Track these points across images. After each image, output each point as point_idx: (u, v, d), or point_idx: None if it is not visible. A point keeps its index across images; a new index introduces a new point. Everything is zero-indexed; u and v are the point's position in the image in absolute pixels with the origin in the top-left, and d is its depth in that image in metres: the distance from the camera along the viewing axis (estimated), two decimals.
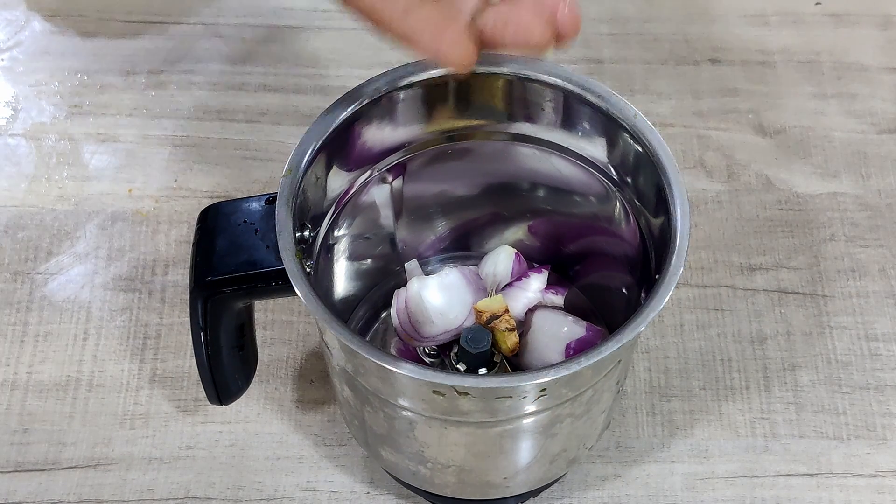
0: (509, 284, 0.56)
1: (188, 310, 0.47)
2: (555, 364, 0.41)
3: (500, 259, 0.57)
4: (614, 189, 0.50)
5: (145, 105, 0.71)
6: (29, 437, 0.59)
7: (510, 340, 0.53)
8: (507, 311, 0.53)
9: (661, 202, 0.46)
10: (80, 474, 0.58)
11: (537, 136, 0.51)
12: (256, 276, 0.46)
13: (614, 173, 0.50)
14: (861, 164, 0.69)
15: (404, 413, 0.46)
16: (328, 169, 0.48)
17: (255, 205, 0.47)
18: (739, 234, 0.66)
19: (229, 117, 0.71)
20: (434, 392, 0.43)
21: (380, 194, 0.53)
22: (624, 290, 0.54)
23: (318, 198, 0.48)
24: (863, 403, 0.60)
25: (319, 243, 0.49)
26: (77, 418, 0.59)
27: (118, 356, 0.61)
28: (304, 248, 0.46)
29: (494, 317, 0.53)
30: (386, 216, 0.55)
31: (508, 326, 0.53)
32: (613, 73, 0.73)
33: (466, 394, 0.42)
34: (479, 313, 0.53)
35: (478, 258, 0.59)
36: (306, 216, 0.47)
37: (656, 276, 0.44)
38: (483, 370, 0.53)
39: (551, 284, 0.57)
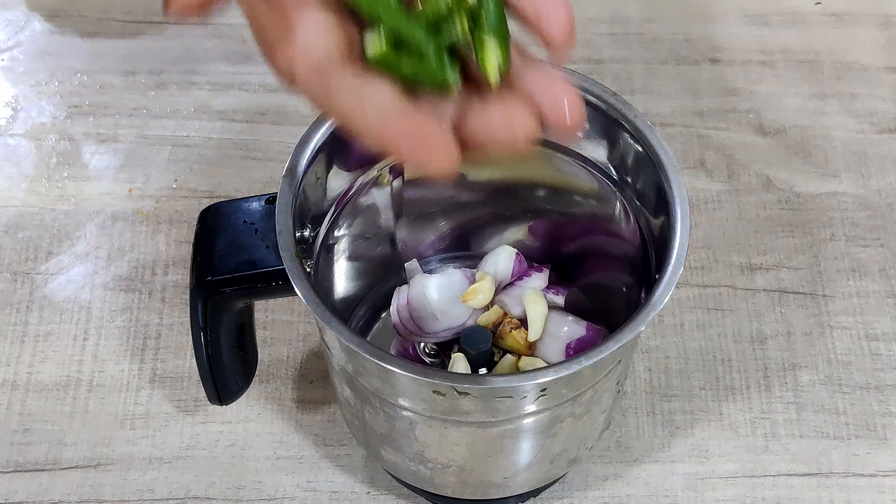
0: (510, 284, 0.56)
1: (188, 310, 0.47)
2: (555, 364, 0.41)
3: (501, 259, 0.57)
4: (614, 189, 0.50)
5: (145, 105, 0.71)
6: (29, 437, 0.59)
7: (520, 337, 0.53)
8: (505, 314, 0.54)
9: (661, 202, 0.46)
10: (81, 474, 0.58)
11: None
12: (256, 276, 0.46)
13: (614, 173, 0.50)
14: (861, 164, 0.69)
15: (405, 413, 0.46)
16: (328, 169, 0.48)
17: (255, 205, 0.47)
18: (739, 234, 0.66)
19: (229, 117, 0.71)
20: (434, 392, 0.43)
21: (380, 194, 0.53)
22: (624, 290, 0.54)
23: (318, 198, 0.48)
24: (863, 403, 0.60)
25: (319, 243, 0.49)
26: (77, 418, 0.59)
27: (118, 356, 0.61)
28: (304, 248, 0.46)
29: (497, 324, 0.54)
30: (386, 216, 0.55)
31: (513, 325, 0.53)
32: (613, 73, 0.73)
33: (466, 394, 0.42)
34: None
35: (478, 258, 0.59)
36: (306, 216, 0.47)
37: (656, 276, 0.44)
38: (483, 370, 0.53)
39: (551, 284, 0.57)
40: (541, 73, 0.36)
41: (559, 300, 0.56)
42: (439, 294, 0.55)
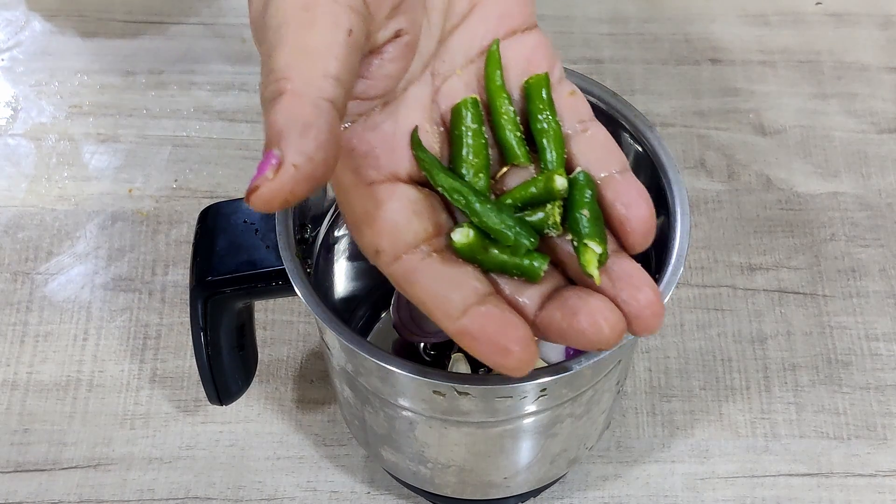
0: None
1: (188, 310, 0.47)
2: (555, 364, 0.41)
3: None
4: None
5: (145, 105, 0.71)
6: (29, 438, 0.59)
7: None
8: None
9: (661, 202, 0.46)
10: (81, 474, 0.58)
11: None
12: (256, 276, 0.46)
13: None
14: (861, 164, 0.69)
15: (405, 413, 0.46)
16: None
17: None
18: (739, 234, 0.66)
19: (229, 117, 0.71)
20: (434, 392, 0.43)
21: None
22: None
23: (318, 198, 0.48)
24: (863, 403, 0.60)
25: (319, 243, 0.49)
26: (77, 418, 0.59)
27: (118, 356, 0.61)
28: (304, 248, 0.46)
29: None
30: None
31: None
32: (613, 73, 0.73)
33: (466, 394, 0.42)
34: None
35: None
36: (306, 216, 0.47)
37: (656, 277, 0.44)
38: (483, 370, 0.53)
39: None
40: (622, 265, 0.36)
41: None
42: None
